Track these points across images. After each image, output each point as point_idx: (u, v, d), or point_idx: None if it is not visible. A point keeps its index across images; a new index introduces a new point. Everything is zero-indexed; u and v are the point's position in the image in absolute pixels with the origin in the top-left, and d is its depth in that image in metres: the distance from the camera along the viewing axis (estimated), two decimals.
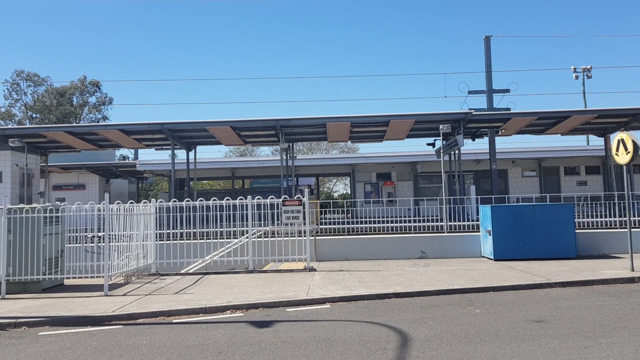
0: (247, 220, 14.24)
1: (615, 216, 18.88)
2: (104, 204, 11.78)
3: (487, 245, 15.80)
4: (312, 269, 13.99)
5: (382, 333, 7.64)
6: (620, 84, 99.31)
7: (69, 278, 12.94)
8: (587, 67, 42.61)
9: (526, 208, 15.63)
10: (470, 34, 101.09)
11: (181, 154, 26.02)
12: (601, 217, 18.98)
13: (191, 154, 25.40)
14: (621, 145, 12.87)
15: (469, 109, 22.28)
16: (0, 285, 11.14)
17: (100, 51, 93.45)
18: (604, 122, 23.60)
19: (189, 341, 7.48)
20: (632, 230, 13.39)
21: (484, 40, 25.69)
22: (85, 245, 14.34)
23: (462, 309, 9.27)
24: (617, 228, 17.83)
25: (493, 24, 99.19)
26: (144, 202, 14.30)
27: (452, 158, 24.75)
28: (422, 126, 22.88)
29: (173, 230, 15.94)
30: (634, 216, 14.45)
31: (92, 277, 12.64)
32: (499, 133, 24.09)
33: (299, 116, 21.89)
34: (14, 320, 8.87)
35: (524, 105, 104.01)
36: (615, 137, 13.20)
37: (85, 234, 15.20)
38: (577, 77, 43.08)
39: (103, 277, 11.35)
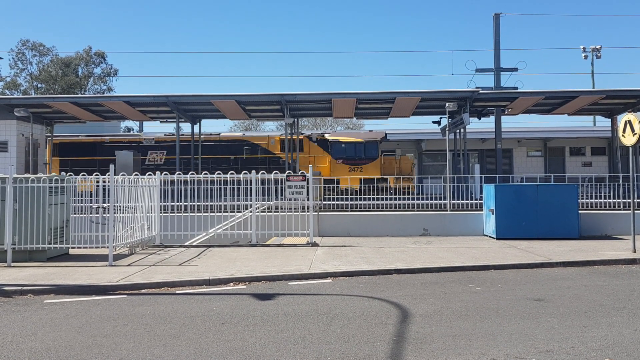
0: (251, 195, 14.30)
1: (619, 198, 18.85)
2: (109, 175, 11.85)
3: (489, 224, 15.84)
4: (315, 244, 14.08)
5: (383, 308, 7.72)
6: (630, 64, 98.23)
7: (74, 248, 13.07)
8: (597, 47, 42.11)
9: (530, 188, 15.63)
10: (479, 11, 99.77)
11: (186, 127, 26.00)
12: (605, 198, 18.95)
13: (196, 127, 25.36)
14: (628, 127, 12.80)
15: (476, 87, 22.09)
16: (7, 253, 11.28)
17: (105, 22, 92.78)
18: (612, 103, 23.38)
19: (192, 312, 7.58)
20: (636, 212, 13.38)
21: (493, 17, 25.36)
22: (91, 215, 14.44)
23: (462, 286, 9.34)
24: (620, 210, 17.81)
25: (503, 2, 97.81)
26: (149, 174, 14.35)
27: (457, 136, 24.64)
28: (428, 104, 22.74)
29: (177, 203, 16.03)
30: (639, 198, 14.42)
31: (97, 248, 12.76)
32: (506, 112, 23.92)
33: (305, 91, 21.77)
34: (19, 288, 9.00)
35: (532, 84, 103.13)
36: (622, 118, 13.14)
37: (91, 204, 15.30)
38: (586, 57, 42.60)
39: (108, 247, 11.47)
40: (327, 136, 26.15)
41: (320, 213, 16.68)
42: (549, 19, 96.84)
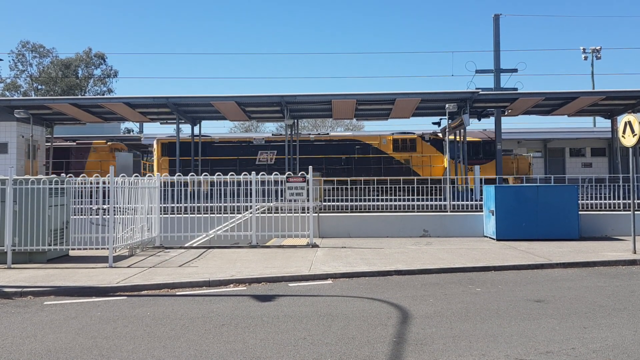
0: (251, 196, 14.30)
1: (619, 198, 18.85)
2: (109, 176, 11.84)
3: (489, 225, 15.83)
4: (315, 245, 14.08)
5: (383, 309, 7.72)
6: (630, 65, 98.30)
7: (74, 249, 13.06)
8: (597, 47, 42.10)
9: (530, 189, 15.64)
10: (479, 12, 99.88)
11: (186, 128, 25.97)
12: (605, 199, 18.95)
13: (196, 128, 25.36)
14: (628, 128, 12.80)
15: (476, 89, 22.08)
16: (7, 255, 11.27)
17: (105, 24, 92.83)
18: (612, 104, 23.39)
19: (192, 313, 7.58)
20: (636, 212, 13.37)
21: (493, 18, 25.36)
22: (91, 217, 14.43)
23: (463, 287, 9.34)
24: (620, 210, 17.81)
25: (502, 3, 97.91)
26: (149, 176, 14.35)
27: (458, 137, 24.63)
28: (428, 105, 22.73)
29: (177, 204, 16.02)
30: (639, 199, 14.41)
31: (97, 249, 12.74)
32: (506, 113, 23.91)
33: (305, 93, 21.77)
34: (19, 290, 8.99)
35: (532, 85, 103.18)
36: (622, 119, 13.14)
37: (91, 206, 15.29)
38: (586, 58, 42.60)
39: (108, 249, 11.47)
40: (440, 135, 25.96)
41: (320, 214, 16.68)
42: (549, 20, 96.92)
